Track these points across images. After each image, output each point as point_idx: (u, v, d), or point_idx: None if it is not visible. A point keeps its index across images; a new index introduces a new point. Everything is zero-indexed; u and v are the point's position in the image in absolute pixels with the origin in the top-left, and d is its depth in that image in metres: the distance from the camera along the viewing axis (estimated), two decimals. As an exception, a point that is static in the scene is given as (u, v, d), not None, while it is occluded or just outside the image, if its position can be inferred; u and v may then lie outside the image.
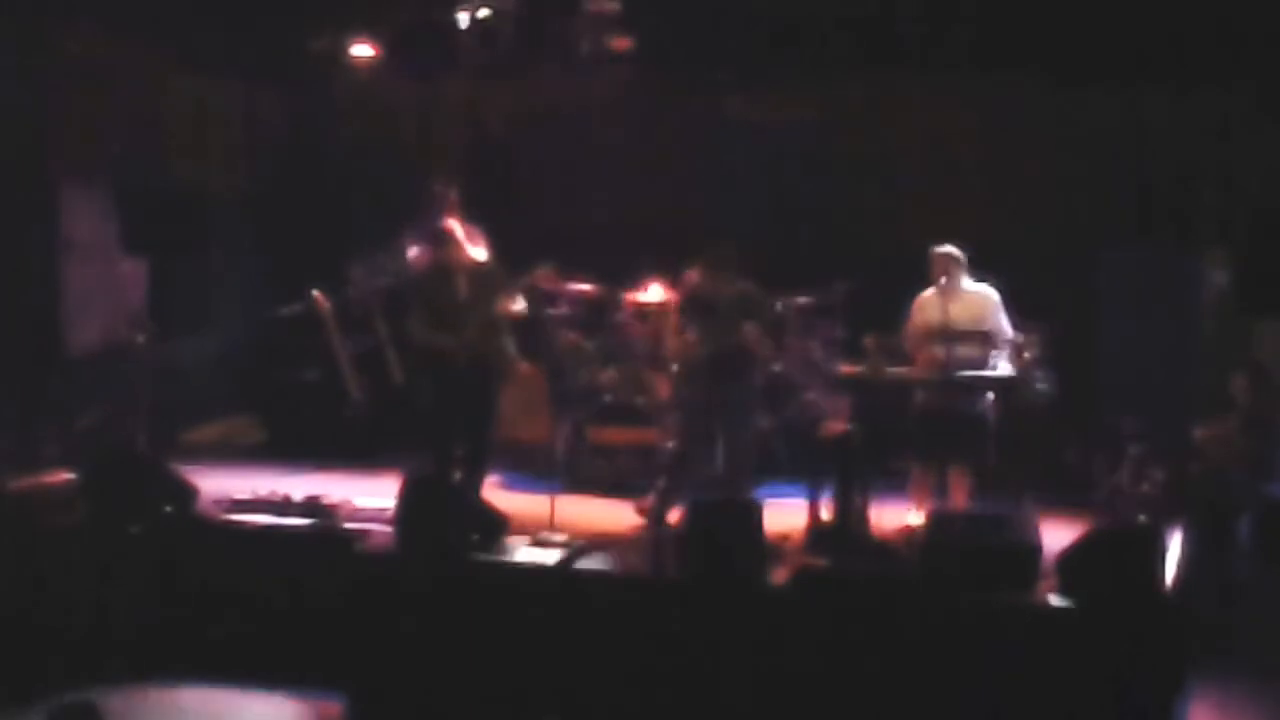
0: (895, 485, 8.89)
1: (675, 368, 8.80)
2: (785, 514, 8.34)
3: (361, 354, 10.29)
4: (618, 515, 8.71)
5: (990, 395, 8.40)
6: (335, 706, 7.28)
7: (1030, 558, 6.96)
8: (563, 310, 10.08)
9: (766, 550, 7.24)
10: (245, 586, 7.72)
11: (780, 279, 9.48)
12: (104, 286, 10.18)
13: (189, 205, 10.76)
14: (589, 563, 7.50)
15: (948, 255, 8.52)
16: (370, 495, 8.49)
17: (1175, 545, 7.45)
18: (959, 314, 8.41)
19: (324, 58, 10.49)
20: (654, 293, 9.81)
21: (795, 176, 10.93)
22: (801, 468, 9.07)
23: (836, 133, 10.85)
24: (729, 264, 8.51)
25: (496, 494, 8.71)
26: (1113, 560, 6.75)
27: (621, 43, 9.86)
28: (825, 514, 8.13)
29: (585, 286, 10.08)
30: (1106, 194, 10.40)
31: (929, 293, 8.57)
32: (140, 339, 9.79)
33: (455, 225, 8.62)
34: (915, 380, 8.41)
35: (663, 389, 9.44)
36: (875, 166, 10.67)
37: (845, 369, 8.70)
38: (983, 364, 8.36)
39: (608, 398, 9.78)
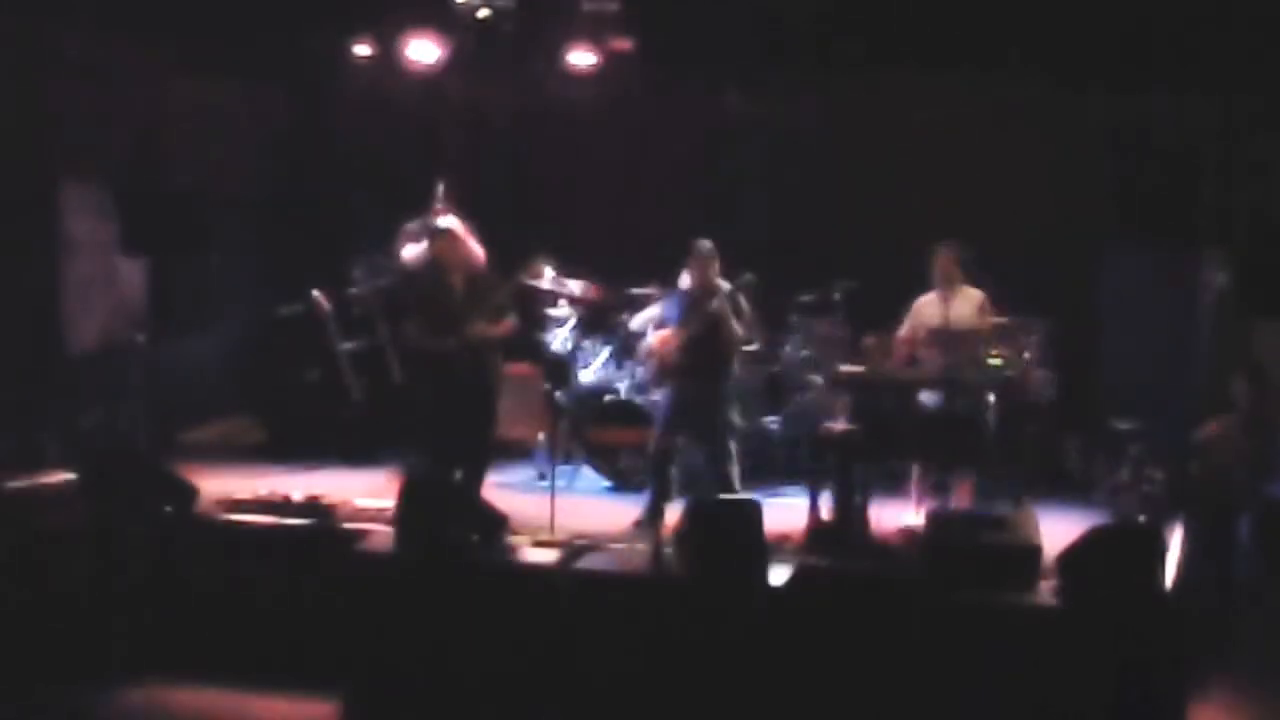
0: (895, 485, 8.90)
1: (650, 366, 8.85)
2: (785, 514, 8.34)
3: (361, 354, 10.29)
4: (618, 515, 8.72)
5: (990, 395, 8.39)
6: (334, 706, 7.29)
7: (1030, 558, 6.96)
8: (562, 309, 10.08)
9: (766, 550, 7.24)
10: (245, 586, 7.74)
11: (780, 279, 9.49)
12: (104, 286, 10.18)
13: (189, 205, 10.76)
14: (589, 563, 7.50)
15: (948, 256, 8.52)
16: (370, 495, 8.49)
17: (1175, 545, 7.45)
18: (959, 315, 8.42)
19: (324, 57, 10.49)
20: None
21: (795, 176, 10.92)
22: (801, 468, 9.09)
23: (836, 133, 10.85)
24: (706, 262, 8.55)
25: (496, 494, 8.70)
26: (1113, 560, 6.75)
27: (621, 43, 9.86)
28: (825, 514, 8.14)
29: (585, 285, 10.07)
30: (1106, 194, 10.40)
31: (929, 294, 8.59)
32: (140, 339, 9.79)
33: (454, 221, 8.63)
34: (915, 380, 8.41)
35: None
36: (875, 166, 10.66)
37: (845, 369, 8.71)
38: (982, 364, 8.36)
39: (607, 398, 9.78)
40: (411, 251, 9.44)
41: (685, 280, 8.72)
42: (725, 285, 8.62)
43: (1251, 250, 9.96)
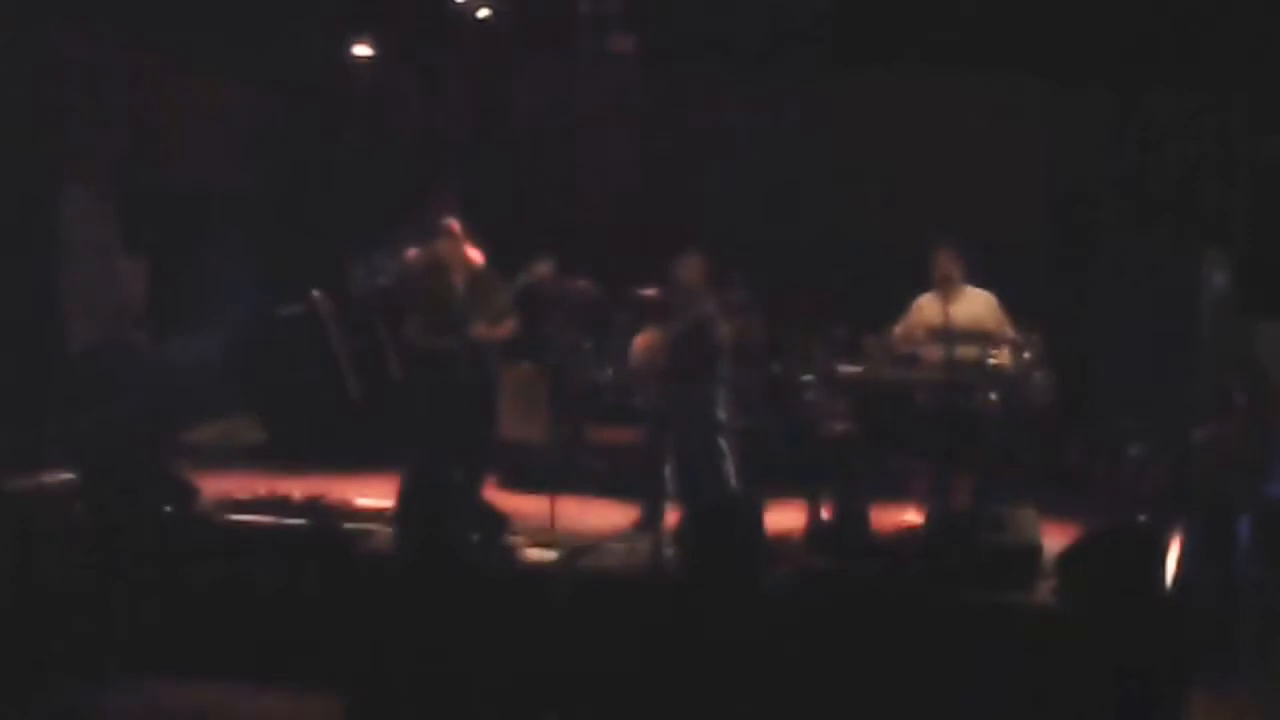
0: (895, 485, 8.90)
1: (636, 366, 8.86)
2: (785, 514, 8.34)
3: (361, 354, 10.29)
4: (618, 515, 8.72)
5: (990, 395, 8.40)
6: (335, 706, 7.29)
7: (1030, 558, 6.96)
8: (562, 310, 10.07)
9: (766, 550, 7.24)
10: (245, 586, 7.73)
11: (780, 279, 9.49)
12: (104, 286, 10.18)
13: (189, 205, 10.76)
14: (589, 563, 7.50)
15: (949, 255, 8.52)
16: (370, 495, 8.49)
17: (1175, 545, 7.45)
18: (959, 314, 8.42)
19: (324, 57, 10.50)
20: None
21: (795, 176, 10.92)
22: (801, 468, 9.08)
23: (836, 133, 10.85)
24: (693, 268, 8.55)
25: (496, 494, 8.70)
26: (1113, 560, 6.75)
27: (622, 43, 9.87)
28: (825, 514, 8.13)
29: (584, 286, 10.06)
30: (1106, 193, 10.40)
31: (929, 294, 8.59)
32: (140, 339, 9.79)
33: (455, 222, 8.64)
34: (915, 380, 8.41)
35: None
36: (875, 166, 10.66)
37: (845, 369, 8.71)
38: (982, 364, 8.36)
39: (607, 398, 9.78)
40: (414, 252, 9.44)
41: (669, 281, 8.70)
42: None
43: (1251, 250, 9.96)
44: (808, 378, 9.83)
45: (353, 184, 11.53)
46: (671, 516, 8.13)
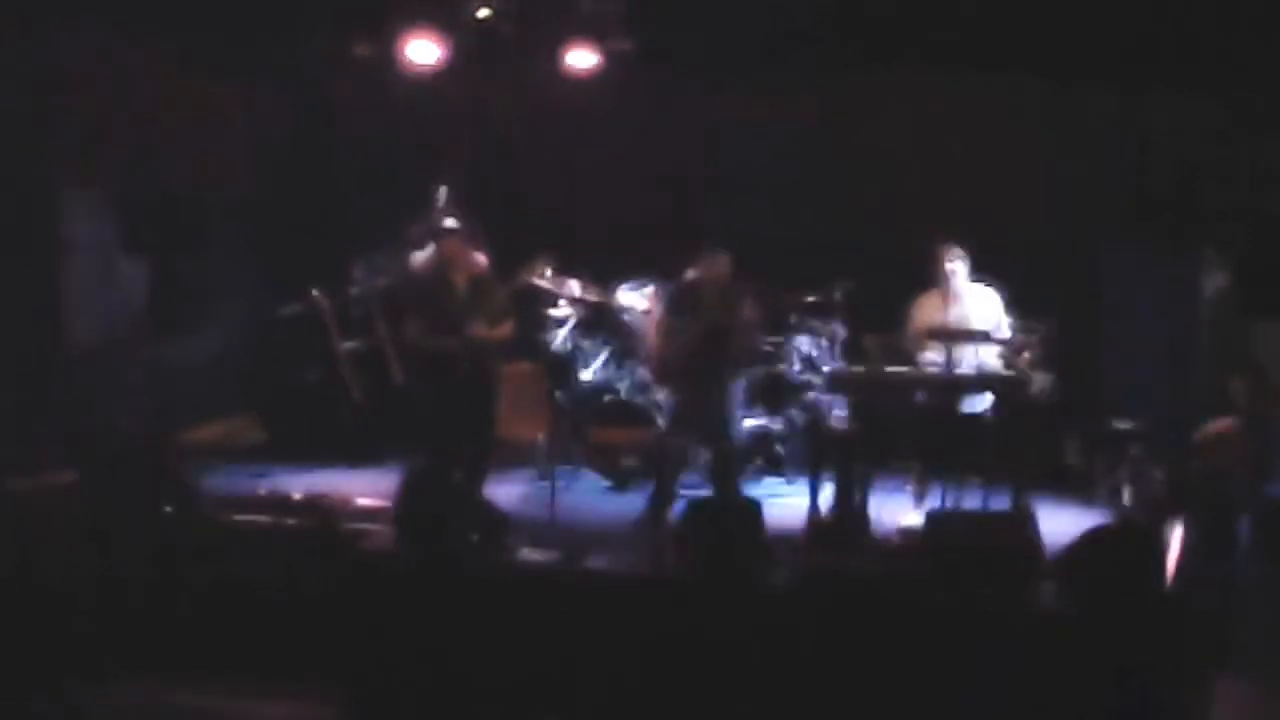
0: (895, 485, 8.91)
1: (654, 367, 8.86)
2: (785, 514, 8.34)
3: (361, 354, 10.29)
4: (618, 515, 8.72)
5: (990, 395, 8.40)
6: (333, 706, 7.29)
7: (1030, 558, 6.96)
8: (562, 310, 10.08)
9: (766, 550, 7.24)
10: (245, 586, 7.73)
11: (780, 279, 9.49)
12: (104, 286, 10.18)
13: (189, 205, 10.76)
14: (589, 563, 7.50)
15: (951, 254, 8.53)
16: (370, 495, 8.50)
17: (1175, 545, 7.45)
18: (960, 314, 8.42)
19: (324, 58, 10.49)
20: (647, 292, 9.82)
21: (795, 176, 10.92)
22: (802, 467, 9.09)
23: (836, 133, 10.84)
24: (719, 266, 8.55)
25: (496, 494, 8.70)
26: (1113, 560, 6.75)
27: (621, 43, 9.86)
28: (825, 514, 8.14)
29: (584, 286, 10.07)
30: (1106, 194, 10.40)
31: (930, 293, 8.59)
32: (140, 339, 9.79)
33: (455, 223, 8.65)
34: (915, 380, 8.42)
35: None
36: (875, 166, 10.66)
37: (845, 369, 8.71)
38: (982, 364, 8.37)
39: (608, 398, 9.78)
40: (421, 256, 9.45)
41: (691, 275, 8.69)
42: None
43: (1251, 250, 9.96)
44: (808, 377, 9.86)
45: (353, 184, 11.52)
46: (672, 516, 8.14)
